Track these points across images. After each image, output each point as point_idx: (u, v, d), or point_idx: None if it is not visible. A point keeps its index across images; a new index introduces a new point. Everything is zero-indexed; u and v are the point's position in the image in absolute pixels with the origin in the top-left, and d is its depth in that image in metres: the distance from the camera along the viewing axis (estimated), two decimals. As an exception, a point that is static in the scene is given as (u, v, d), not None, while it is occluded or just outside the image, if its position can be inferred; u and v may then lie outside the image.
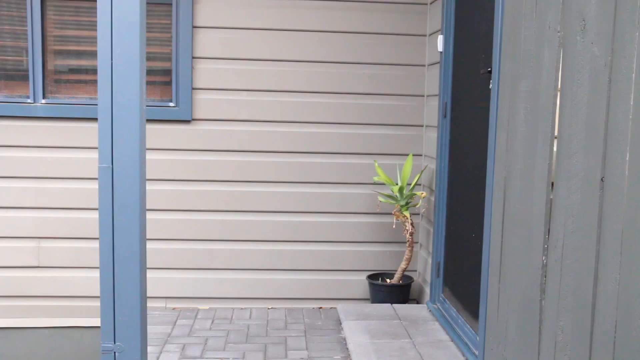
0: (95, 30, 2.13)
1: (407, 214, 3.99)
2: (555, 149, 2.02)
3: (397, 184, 4.02)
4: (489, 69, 2.92)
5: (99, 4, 2.10)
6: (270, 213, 4.20)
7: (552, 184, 2.04)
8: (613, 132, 1.67)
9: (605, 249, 1.70)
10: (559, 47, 2.01)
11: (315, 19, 4.09)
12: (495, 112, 2.63)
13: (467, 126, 3.48)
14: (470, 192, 3.36)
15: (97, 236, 2.19)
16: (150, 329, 3.66)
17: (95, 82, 4.03)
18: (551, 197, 2.04)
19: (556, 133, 2.02)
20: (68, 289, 4.13)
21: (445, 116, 3.79)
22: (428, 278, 4.06)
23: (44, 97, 4.04)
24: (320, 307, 4.26)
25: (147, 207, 2.30)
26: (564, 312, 1.93)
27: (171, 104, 4.10)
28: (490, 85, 2.83)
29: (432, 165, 4.01)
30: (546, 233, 2.05)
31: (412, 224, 4.01)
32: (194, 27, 4.02)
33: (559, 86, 2.00)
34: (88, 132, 4.00)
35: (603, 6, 1.74)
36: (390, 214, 4.14)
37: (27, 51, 4.03)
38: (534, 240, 2.15)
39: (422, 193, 4.05)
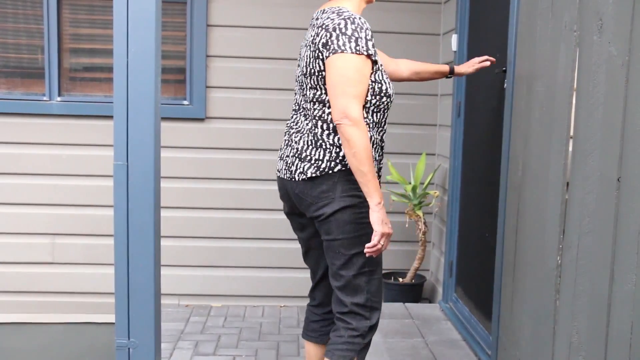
0: (111, 28, 2.15)
1: (420, 213, 3.99)
2: (570, 148, 2.01)
3: (410, 183, 4.01)
4: (504, 69, 2.91)
5: (115, 2, 2.12)
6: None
7: (567, 183, 2.03)
8: (630, 132, 1.66)
9: (621, 250, 1.69)
10: (575, 46, 2.00)
11: (329, 18, 4.09)
12: (510, 112, 2.62)
13: (481, 126, 3.47)
14: (483, 191, 3.34)
15: (112, 233, 2.21)
16: (164, 325, 3.68)
17: (110, 80, 4.06)
18: (566, 197, 2.03)
19: (572, 133, 2.01)
20: (82, 285, 4.17)
21: (459, 115, 3.78)
22: (441, 277, 4.05)
23: (59, 95, 4.07)
24: (333, 306, 4.26)
25: (161, 205, 2.31)
26: (578, 312, 1.92)
27: (185, 102, 4.11)
28: (505, 85, 2.82)
29: (446, 165, 4.00)
30: (561, 233, 2.04)
31: (424, 223, 4.00)
32: (208, 25, 4.04)
33: (575, 86, 1.99)
34: (103, 130, 4.03)
35: (621, 5, 1.73)
36: (403, 213, 4.14)
37: (43, 49, 4.06)
38: (549, 240, 2.14)
39: (435, 192, 4.04)
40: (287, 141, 2.29)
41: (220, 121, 4.12)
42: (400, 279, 4.15)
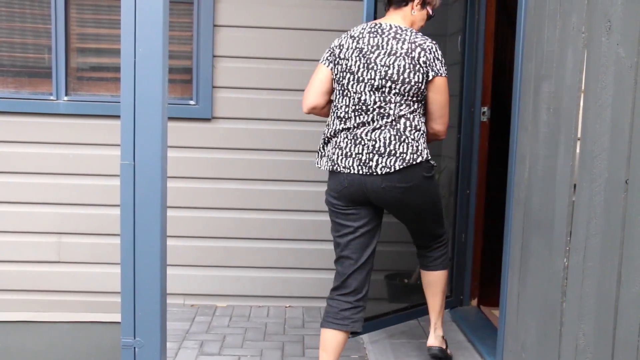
0: (118, 28, 2.15)
1: (425, 214, 3.97)
2: (578, 150, 2.01)
3: (416, 184, 4.00)
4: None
5: (122, 2, 2.12)
6: (289, 212, 4.20)
7: (575, 185, 2.02)
8: (638, 134, 1.65)
9: (628, 252, 1.68)
10: (583, 48, 1.99)
11: (335, 18, 4.09)
12: (517, 113, 2.61)
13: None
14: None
15: (118, 232, 2.21)
16: (169, 325, 3.68)
17: (117, 79, 4.07)
18: (573, 198, 2.02)
19: (579, 134, 2.01)
20: (88, 284, 4.18)
21: (465, 116, 3.77)
22: (446, 279, 4.03)
23: (66, 95, 4.08)
24: (338, 306, 4.26)
25: (167, 205, 2.31)
26: (585, 315, 1.91)
27: (192, 102, 4.12)
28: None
29: (452, 166, 3.99)
30: (568, 235, 2.04)
31: (430, 224, 3.98)
32: (215, 25, 4.04)
33: (583, 87, 1.98)
34: (110, 130, 4.03)
35: (629, 7, 1.72)
36: (409, 214, 4.13)
37: (50, 49, 4.07)
38: (556, 242, 2.13)
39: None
40: (352, 140, 2.59)
41: (226, 121, 4.13)
42: (406, 280, 4.14)
